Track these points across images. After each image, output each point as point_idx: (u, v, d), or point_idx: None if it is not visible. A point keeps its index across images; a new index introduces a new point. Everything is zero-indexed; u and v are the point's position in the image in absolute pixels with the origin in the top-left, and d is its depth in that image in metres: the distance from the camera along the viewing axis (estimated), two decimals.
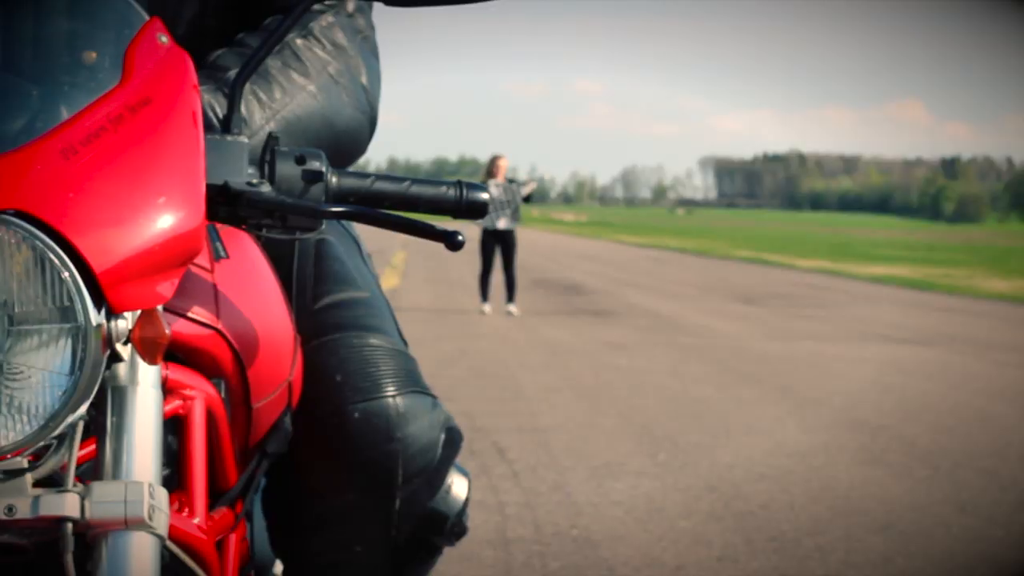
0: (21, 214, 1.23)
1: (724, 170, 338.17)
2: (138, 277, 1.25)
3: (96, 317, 1.24)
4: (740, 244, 55.07)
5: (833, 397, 8.77)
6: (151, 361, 1.30)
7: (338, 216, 1.39)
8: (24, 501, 1.28)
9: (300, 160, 1.44)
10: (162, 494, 1.32)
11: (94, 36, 1.36)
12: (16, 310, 1.23)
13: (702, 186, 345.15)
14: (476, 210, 1.49)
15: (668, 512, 5.22)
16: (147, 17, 1.39)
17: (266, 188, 1.41)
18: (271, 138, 1.44)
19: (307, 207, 1.40)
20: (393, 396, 1.73)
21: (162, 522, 1.31)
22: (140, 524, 1.29)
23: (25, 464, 1.30)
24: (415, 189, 1.47)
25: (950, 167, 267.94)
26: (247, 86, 1.61)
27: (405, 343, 1.84)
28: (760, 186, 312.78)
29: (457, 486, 1.86)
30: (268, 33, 1.46)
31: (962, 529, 5.10)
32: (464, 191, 1.49)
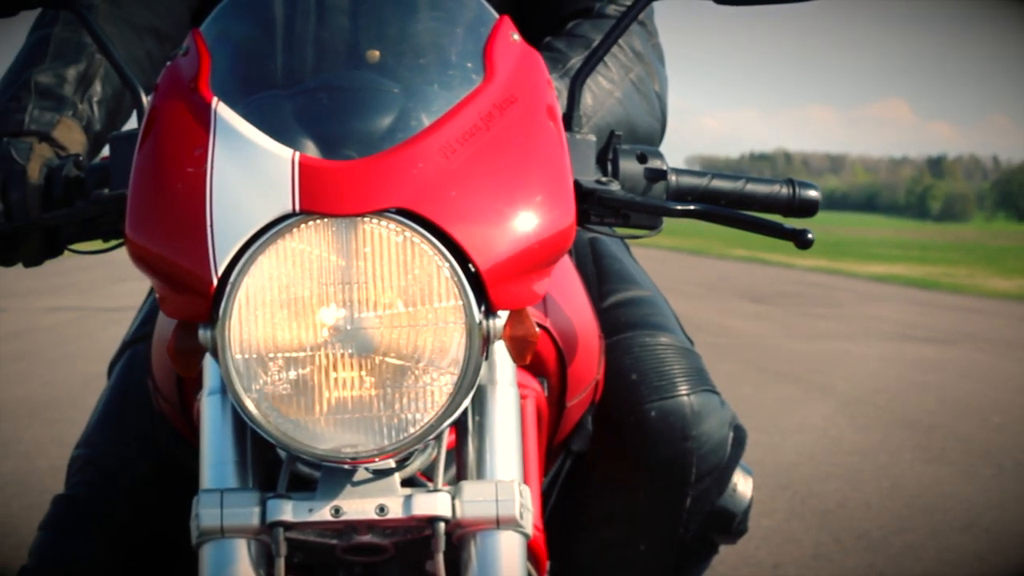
0: (405, 212, 1.23)
1: (710, 169, 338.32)
2: (518, 276, 1.25)
3: (478, 316, 1.23)
4: (734, 243, 55.03)
5: (875, 396, 8.78)
6: (520, 361, 1.30)
7: (687, 215, 1.39)
8: (395, 501, 1.28)
9: (642, 158, 1.44)
10: (527, 493, 1.32)
11: (452, 34, 1.36)
12: (402, 309, 1.23)
13: None
14: (808, 208, 1.49)
15: None
16: (497, 15, 1.39)
17: (615, 186, 1.41)
18: (613, 136, 1.44)
19: (658, 206, 1.40)
20: (687, 395, 1.73)
21: (529, 521, 1.31)
22: (511, 523, 1.29)
23: (393, 464, 1.30)
24: (750, 187, 1.48)
25: (936, 166, 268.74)
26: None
27: (691, 341, 1.84)
28: None
29: (742, 485, 1.87)
30: (604, 35, 1.46)
31: None
32: (796, 189, 1.49)
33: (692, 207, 1.40)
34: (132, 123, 1.90)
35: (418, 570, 1.42)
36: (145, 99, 1.44)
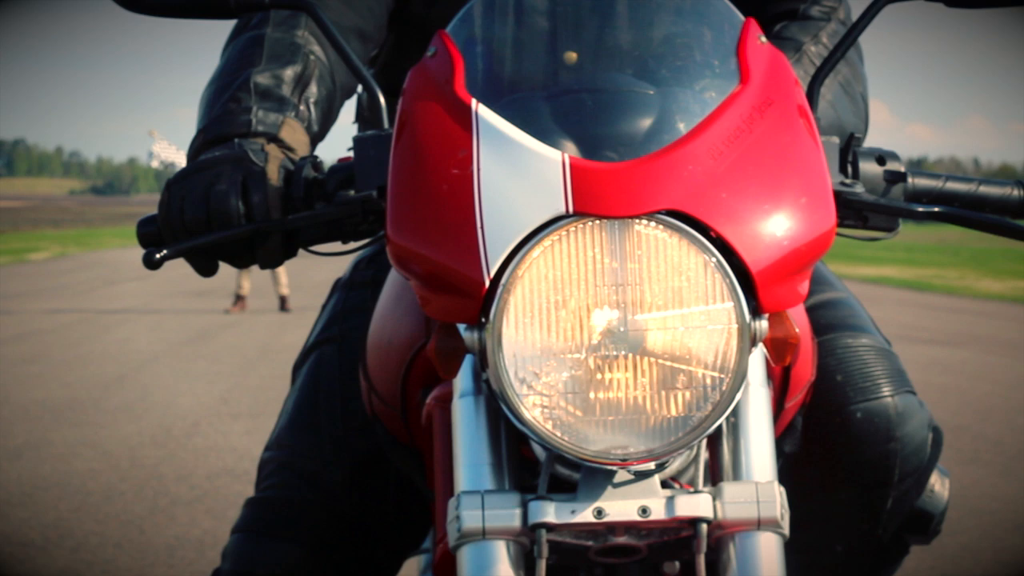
0: (675, 213, 1.23)
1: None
2: (785, 278, 1.26)
3: (748, 317, 1.24)
4: None
5: None
6: (781, 362, 1.30)
7: (930, 217, 1.40)
8: (657, 502, 1.28)
9: (881, 160, 1.45)
10: (784, 493, 1.32)
11: (702, 36, 1.36)
12: (674, 311, 1.23)
13: None
14: None
15: None
16: (743, 17, 1.39)
17: (860, 188, 1.41)
18: (853, 138, 1.45)
19: (901, 208, 1.41)
20: (891, 396, 1.75)
21: (787, 522, 1.31)
22: (772, 524, 1.29)
23: (653, 466, 1.30)
24: (983, 189, 1.49)
25: (916, 168, 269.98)
26: None
27: (888, 342, 1.85)
28: None
29: (940, 486, 1.88)
30: (840, 39, 1.47)
31: None
32: None
33: (935, 209, 1.41)
34: (345, 123, 1.89)
35: (656, 571, 1.42)
36: (383, 100, 1.43)
